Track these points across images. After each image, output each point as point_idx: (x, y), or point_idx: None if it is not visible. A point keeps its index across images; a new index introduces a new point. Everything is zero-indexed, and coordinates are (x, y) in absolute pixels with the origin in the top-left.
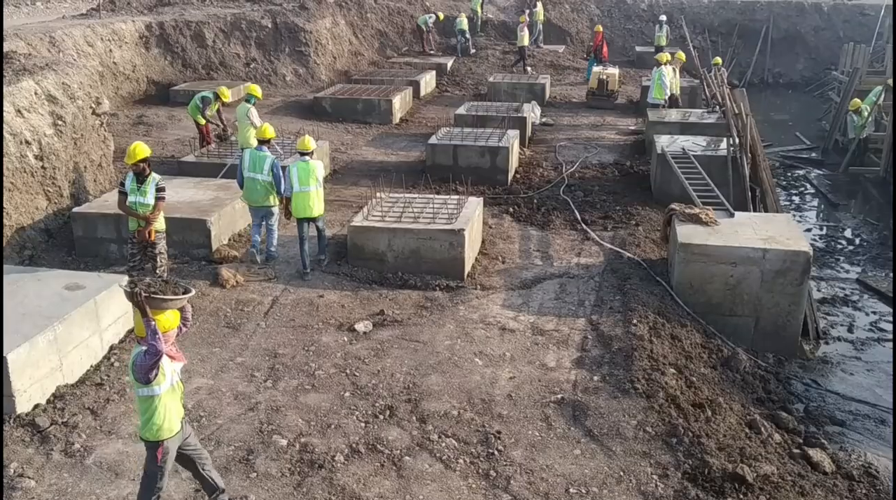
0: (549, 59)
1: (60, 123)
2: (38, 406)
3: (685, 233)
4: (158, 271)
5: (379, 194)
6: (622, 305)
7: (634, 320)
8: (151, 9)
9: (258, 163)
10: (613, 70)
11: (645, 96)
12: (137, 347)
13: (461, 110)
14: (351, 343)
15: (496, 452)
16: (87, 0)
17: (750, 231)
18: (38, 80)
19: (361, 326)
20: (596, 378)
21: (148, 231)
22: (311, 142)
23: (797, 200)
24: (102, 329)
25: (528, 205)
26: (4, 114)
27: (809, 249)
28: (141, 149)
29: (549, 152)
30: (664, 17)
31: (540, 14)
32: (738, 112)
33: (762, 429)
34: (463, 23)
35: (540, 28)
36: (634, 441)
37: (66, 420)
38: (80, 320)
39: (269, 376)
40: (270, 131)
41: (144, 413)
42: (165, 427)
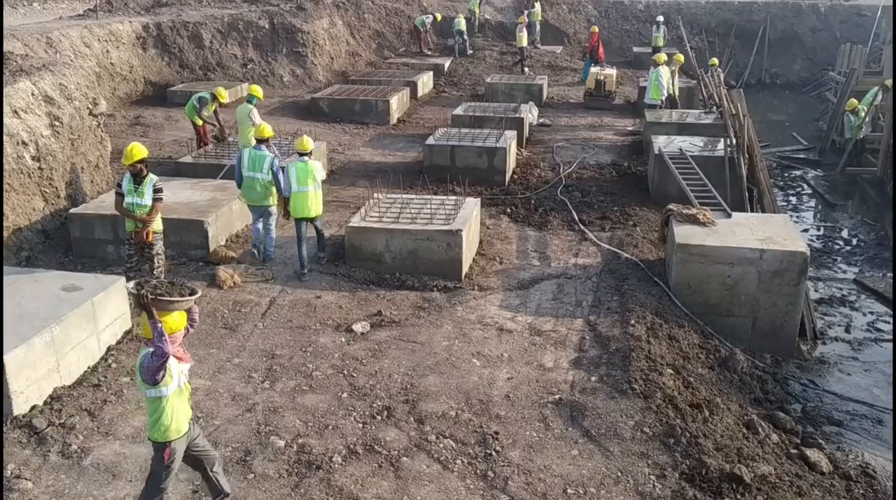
0: (546, 60)
1: (57, 123)
2: (35, 408)
3: (683, 233)
4: (156, 273)
5: (376, 195)
6: (620, 305)
7: (632, 321)
8: (149, 9)
9: (257, 162)
10: (611, 71)
11: (642, 97)
12: (145, 348)
13: (459, 111)
14: (348, 344)
15: (494, 452)
16: (84, 1)
17: (747, 232)
18: (34, 81)
19: (359, 326)
20: (593, 379)
21: (145, 232)
22: (309, 142)
23: (794, 200)
24: (100, 331)
25: (525, 205)
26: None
27: (806, 249)
28: (138, 150)
29: (546, 153)
30: (661, 18)
31: (538, 14)
32: (735, 113)
33: (760, 429)
34: (461, 23)
35: (538, 28)
36: (632, 442)
37: (63, 422)
38: (77, 322)
39: (266, 377)
40: (268, 130)
41: (152, 414)
42: (173, 428)
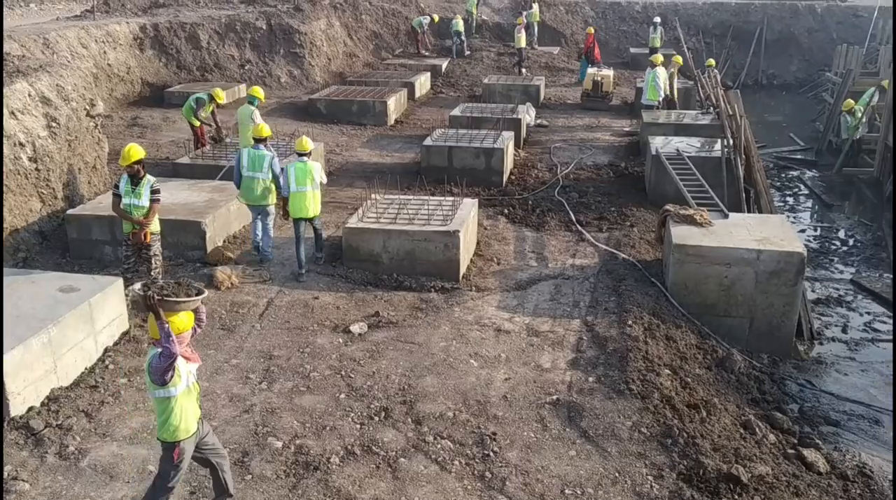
0: (543, 61)
1: (54, 124)
2: (32, 409)
3: (680, 234)
4: (153, 274)
5: (374, 196)
6: (617, 306)
7: (629, 321)
8: (146, 10)
9: (257, 162)
10: (608, 72)
11: (639, 98)
12: (153, 349)
13: (456, 112)
14: (346, 345)
15: (491, 453)
16: (81, 1)
17: (744, 232)
18: (31, 82)
19: (356, 327)
20: (591, 379)
21: (143, 233)
22: (308, 143)
23: (791, 201)
24: (97, 332)
25: (523, 206)
26: None
27: (803, 250)
28: (135, 151)
29: (543, 154)
30: (658, 19)
31: (536, 15)
32: (732, 113)
33: (757, 430)
34: (459, 24)
35: (535, 29)
36: (629, 442)
37: (60, 423)
38: (74, 323)
39: (264, 378)
40: (267, 130)
41: (161, 414)
42: (182, 428)
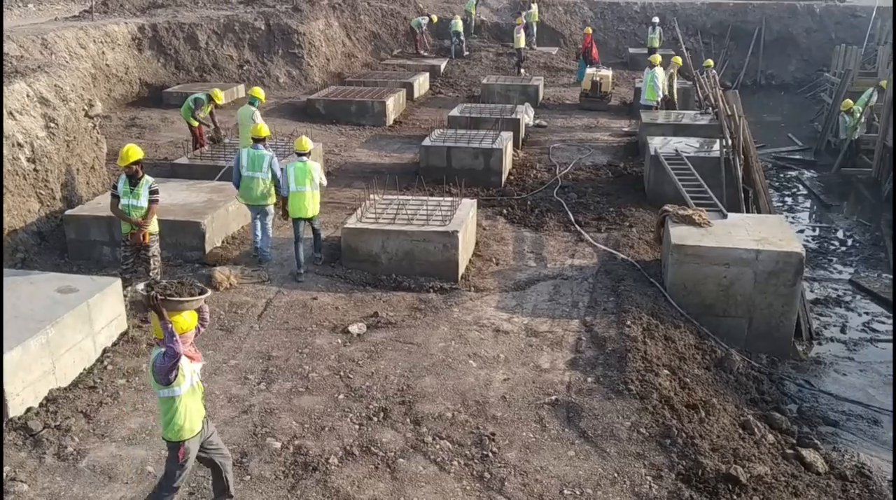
0: (542, 61)
1: (53, 125)
2: (30, 410)
3: (678, 234)
4: (152, 274)
5: (373, 196)
6: (616, 306)
7: (628, 322)
8: (144, 11)
9: (257, 162)
10: (607, 72)
11: (638, 98)
12: (157, 349)
13: (455, 112)
14: (345, 345)
15: (490, 454)
16: (79, 2)
17: (743, 232)
18: (30, 83)
19: (355, 328)
20: (590, 380)
21: (142, 234)
22: (308, 142)
23: (790, 201)
24: (95, 332)
25: (521, 207)
26: None
27: (802, 250)
28: (134, 151)
29: (542, 154)
30: (657, 19)
31: (535, 15)
32: (730, 114)
33: (756, 430)
34: (458, 25)
35: (534, 30)
36: (628, 442)
37: (58, 424)
38: (72, 324)
39: (262, 379)
40: (265, 130)
41: (165, 414)
42: (187, 428)
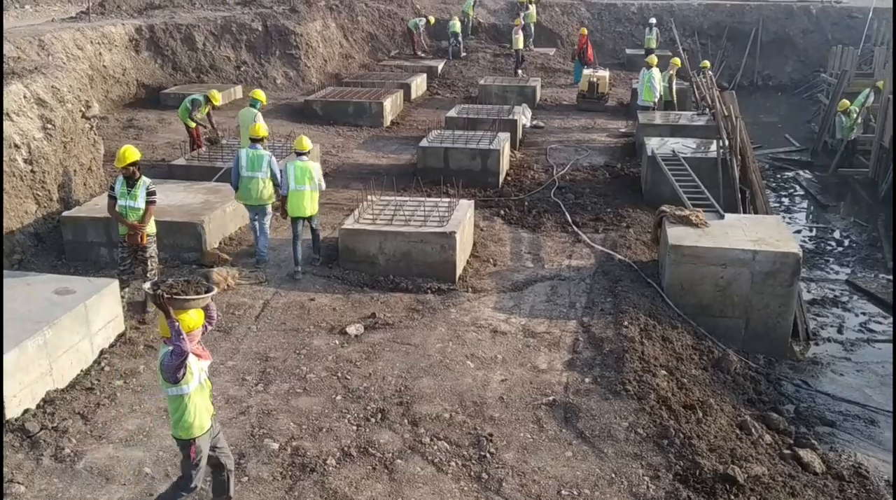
0: (539, 62)
1: (50, 126)
2: (27, 411)
3: (675, 235)
4: (149, 275)
5: (370, 197)
6: (613, 307)
7: (625, 322)
8: (141, 12)
9: (256, 161)
10: (604, 73)
11: (635, 99)
12: (164, 347)
13: (452, 113)
14: (342, 346)
15: (488, 454)
16: (76, 3)
17: (740, 233)
18: (27, 84)
19: (353, 329)
20: (587, 380)
21: (139, 235)
22: (307, 142)
23: (787, 201)
24: (93, 334)
25: (519, 207)
26: None
27: (799, 250)
28: (131, 152)
29: (539, 155)
30: (654, 20)
31: (532, 16)
32: (727, 114)
33: (753, 430)
34: (456, 26)
35: (531, 30)
36: (626, 443)
37: (56, 425)
38: (70, 325)
39: (260, 380)
40: (263, 130)
41: (175, 412)
42: (196, 425)
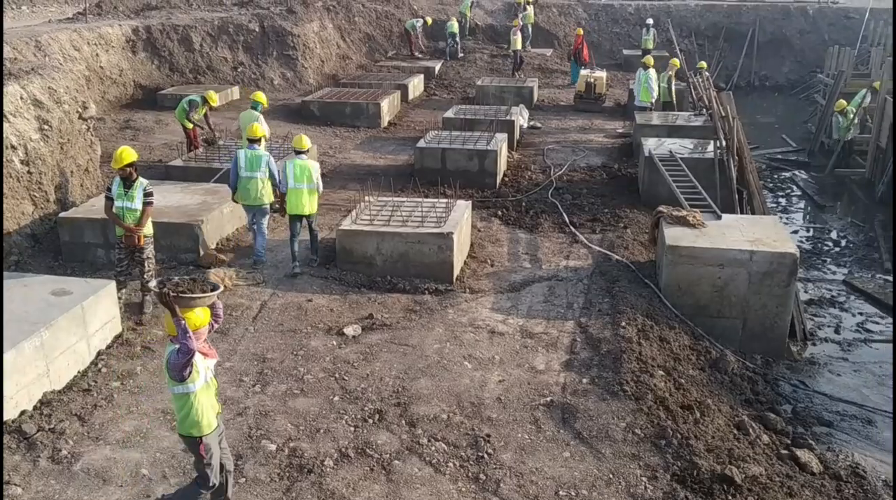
0: (536, 63)
1: (46, 127)
2: (24, 413)
3: (673, 235)
4: (146, 277)
5: (367, 198)
6: (611, 307)
7: (623, 323)
8: (138, 13)
9: (255, 162)
10: (601, 73)
11: (632, 99)
12: (170, 346)
13: (449, 114)
14: (340, 347)
15: (486, 455)
16: (73, 4)
17: (737, 233)
18: (23, 85)
19: (350, 330)
20: (585, 381)
21: (137, 236)
22: (306, 141)
23: (784, 201)
24: (90, 335)
25: (516, 208)
26: None
27: (796, 250)
28: (128, 153)
29: (537, 155)
30: (651, 21)
31: (530, 17)
32: (724, 115)
33: (750, 430)
34: (453, 26)
35: (529, 31)
36: (623, 443)
37: (53, 427)
38: (67, 326)
39: (257, 381)
40: (261, 130)
41: (181, 411)
42: (204, 423)
